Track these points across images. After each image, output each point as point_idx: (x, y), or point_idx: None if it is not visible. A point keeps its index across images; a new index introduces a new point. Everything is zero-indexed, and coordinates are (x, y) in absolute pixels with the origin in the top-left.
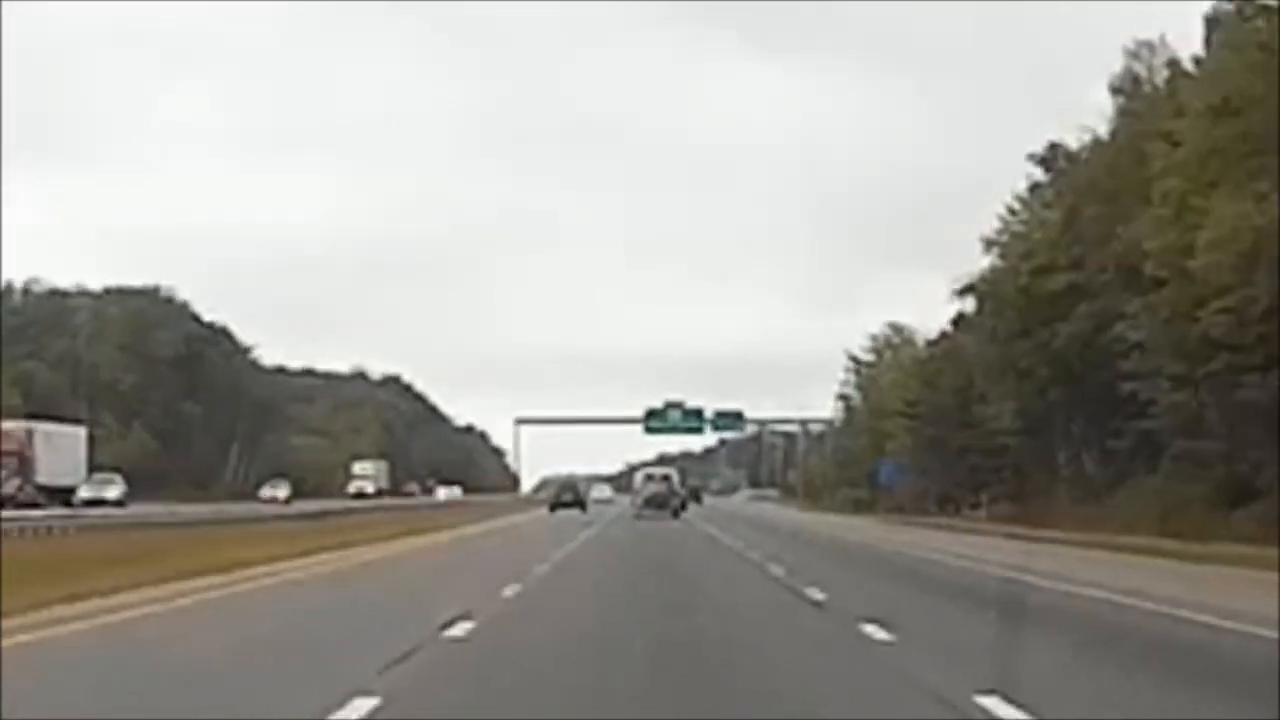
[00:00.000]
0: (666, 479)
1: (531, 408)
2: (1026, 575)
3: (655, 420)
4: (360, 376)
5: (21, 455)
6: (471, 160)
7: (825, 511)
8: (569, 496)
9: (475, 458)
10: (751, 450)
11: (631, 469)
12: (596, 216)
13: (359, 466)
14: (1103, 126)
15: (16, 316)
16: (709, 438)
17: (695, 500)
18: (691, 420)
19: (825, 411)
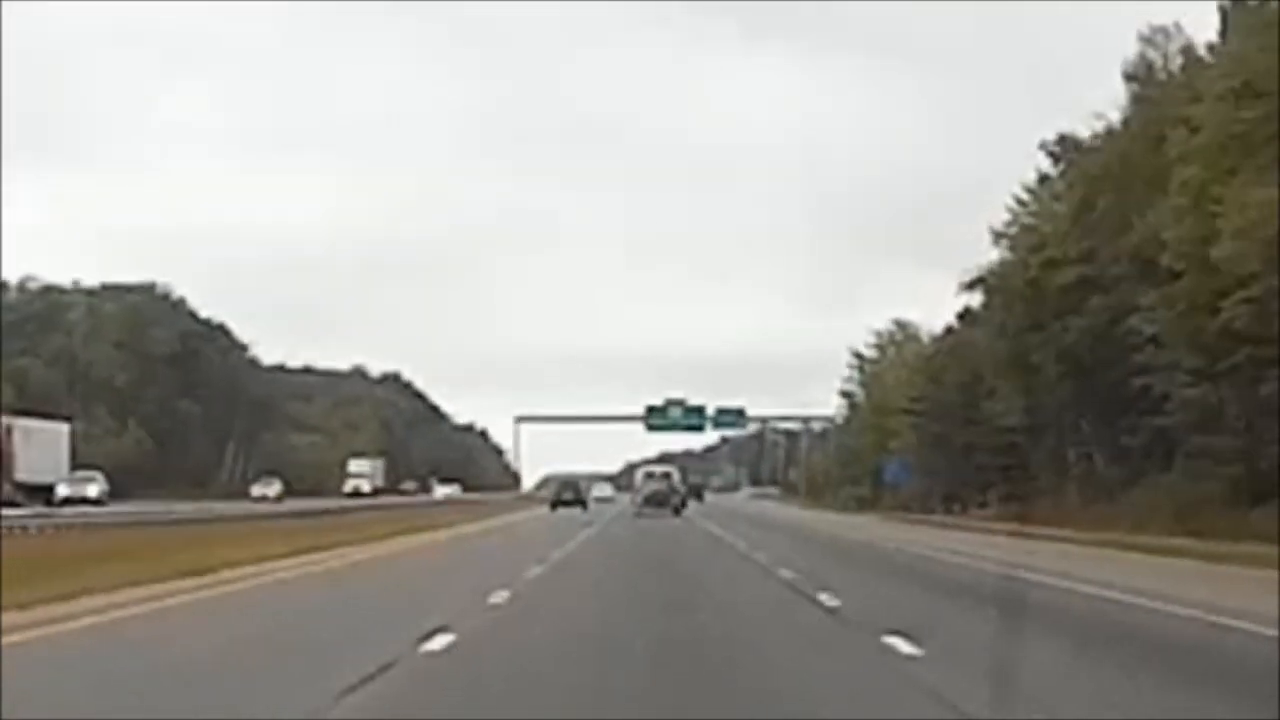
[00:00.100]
0: (667, 477)
1: (532, 407)
2: (1062, 580)
3: (656, 418)
4: (359, 374)
5: None
6: (471, 160)
7: (828, 510)
8: (570, 495)
9: (475, 456)
10: (753, 448)
11: (632, 467)
12: (596, 216)
13: (355, 464)
14: (1115, 115)
15: (12, 313)
16: (710, 436)
17: (696, 498)
18: (693, 418)
19: (827, 409)
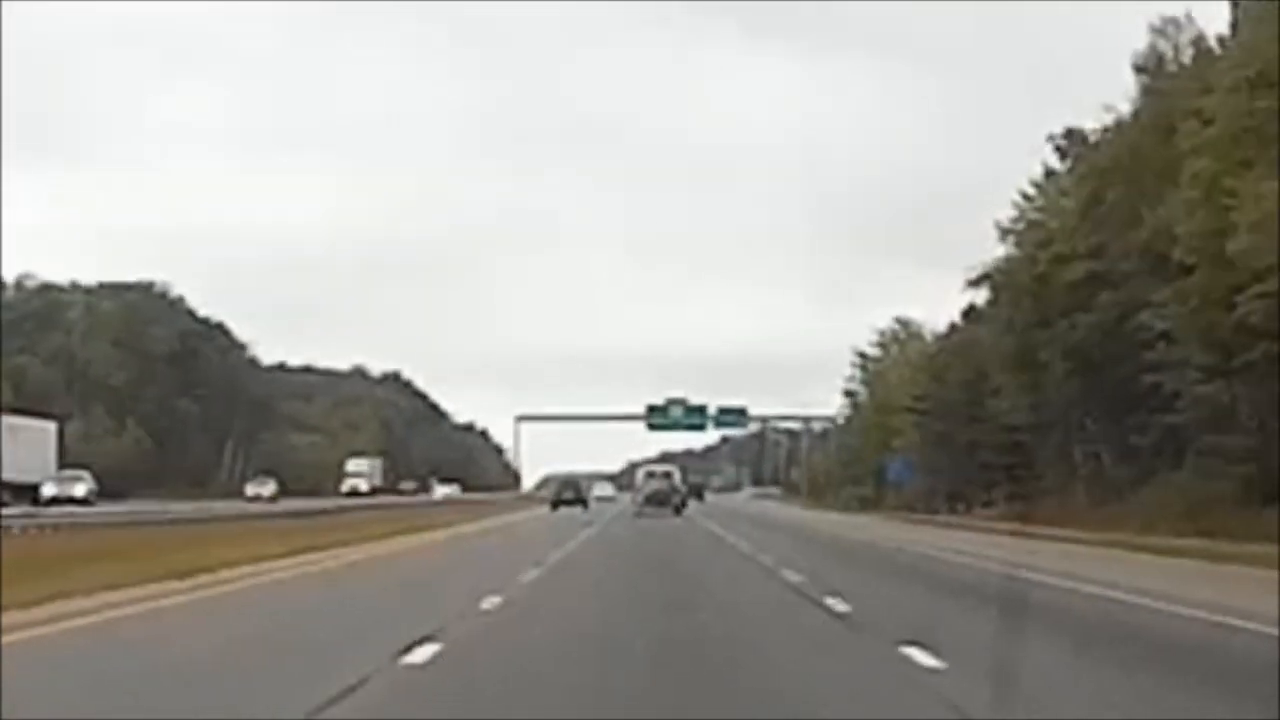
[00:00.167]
0: (668, 476)
1: (532, 406)
2: (1083, 585)
3: (657, 417)
4: (359, 374)
5: None
6: (471, 160)
7: (830, 510)
8: (571, 494)
9: (476, 456)
10: (754, 448)
11: (633, 467)
12: (596, 216)
13: (353, 464)
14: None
15: (9, 311)
16: (711, 435)
17: (697, 498)
18: (694, 417)
19: (827, 409)
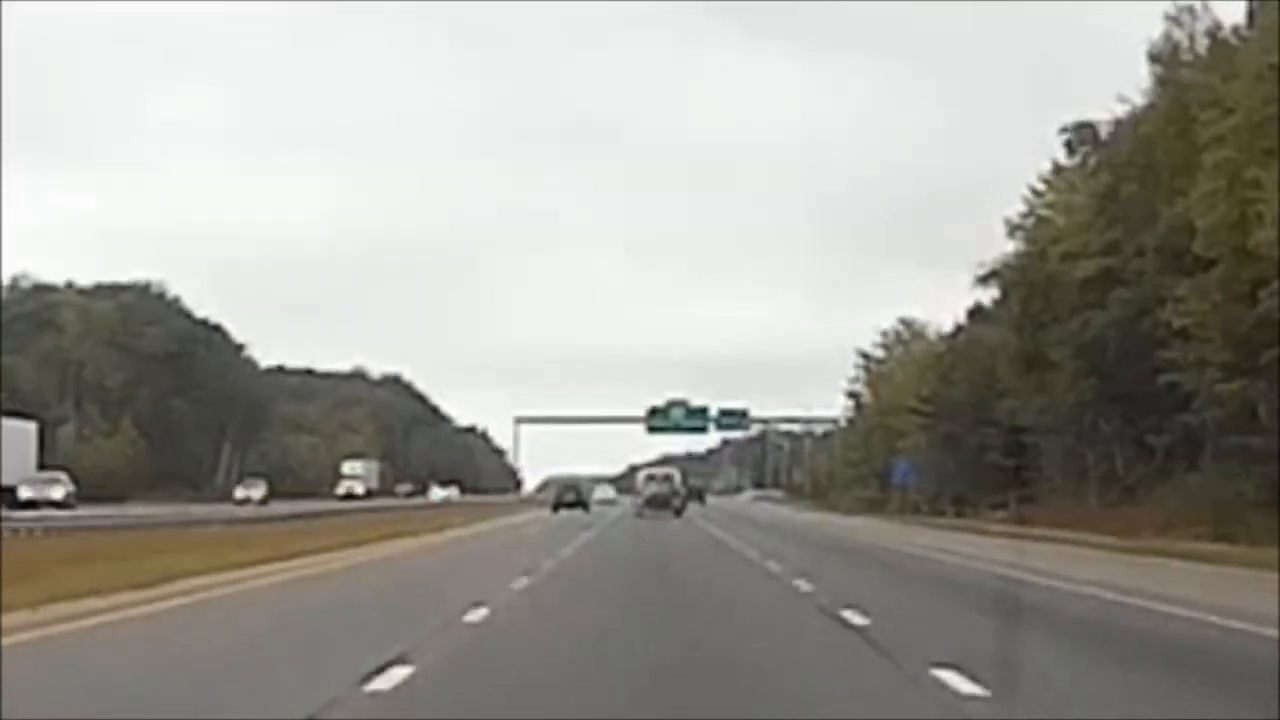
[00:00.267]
0: (668, 479)
1: (532, 407)
2: (1125, 597)
3: (658, 419)
4: (359, 376)
5: None
6: (471, 160)
7: (834, 512)
8: (571, 497)
9: (476, 458)
10: (755, 450)
11: (634, 469)
12: (596, 216)
13: (348, 466)
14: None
15: (3, 313)
16: (712, 438)
17: (698, 500)
18: (695, 419)
19: (828, 410)
